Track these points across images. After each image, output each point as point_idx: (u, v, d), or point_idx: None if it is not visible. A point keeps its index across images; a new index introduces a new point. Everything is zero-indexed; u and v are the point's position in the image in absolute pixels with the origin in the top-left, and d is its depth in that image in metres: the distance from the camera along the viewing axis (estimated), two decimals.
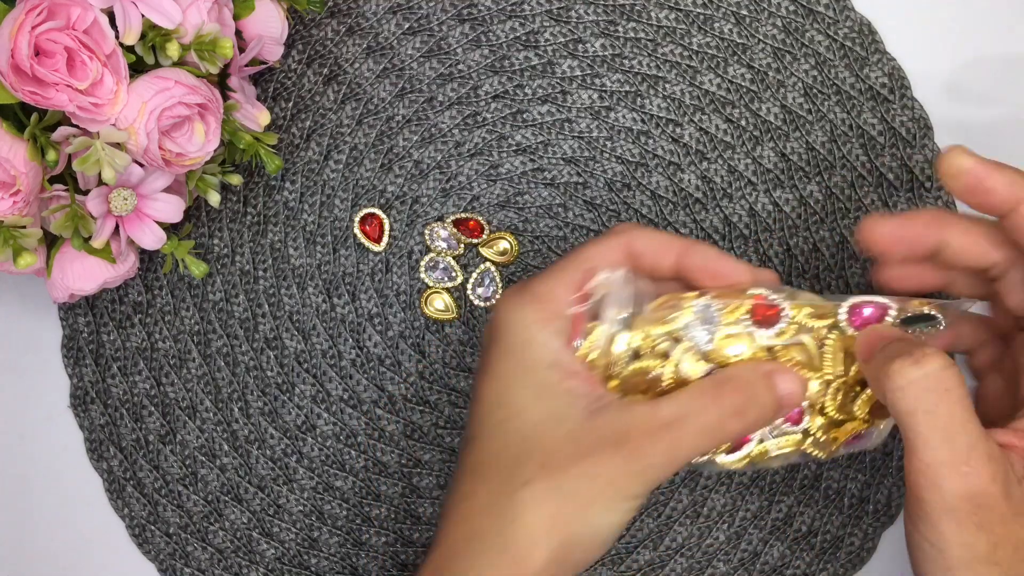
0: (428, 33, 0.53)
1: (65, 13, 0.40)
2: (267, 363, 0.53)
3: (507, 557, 0.37)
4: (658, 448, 0.37)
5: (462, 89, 0.53)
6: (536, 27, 0.53)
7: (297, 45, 0.53)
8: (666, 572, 0.52)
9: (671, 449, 0.37)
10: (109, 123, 0.42)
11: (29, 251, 0.43)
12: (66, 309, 0.53)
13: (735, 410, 0.38)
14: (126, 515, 0.53)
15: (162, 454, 0.53)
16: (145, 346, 0.53)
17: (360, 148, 0.53)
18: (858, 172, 0.52)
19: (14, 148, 0.41)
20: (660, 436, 0.37)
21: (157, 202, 0.45)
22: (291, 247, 0.53)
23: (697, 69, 0.52)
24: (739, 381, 0.38)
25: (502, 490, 0.38)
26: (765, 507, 0.52)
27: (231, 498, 0.53)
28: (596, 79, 0.53)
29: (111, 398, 0.53)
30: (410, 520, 0.53)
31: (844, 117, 0.52)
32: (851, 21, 0.52)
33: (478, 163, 0.53)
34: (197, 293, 0.53)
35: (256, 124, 0.48)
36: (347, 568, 0.53)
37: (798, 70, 0.52)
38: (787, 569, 0.52)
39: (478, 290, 0.52)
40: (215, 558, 0.53)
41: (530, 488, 0.37)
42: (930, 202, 0.52)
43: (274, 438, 0.53)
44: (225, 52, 0.43)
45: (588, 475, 0.37)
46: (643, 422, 0.37)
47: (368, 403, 0.53)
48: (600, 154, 0.53)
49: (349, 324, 0.53)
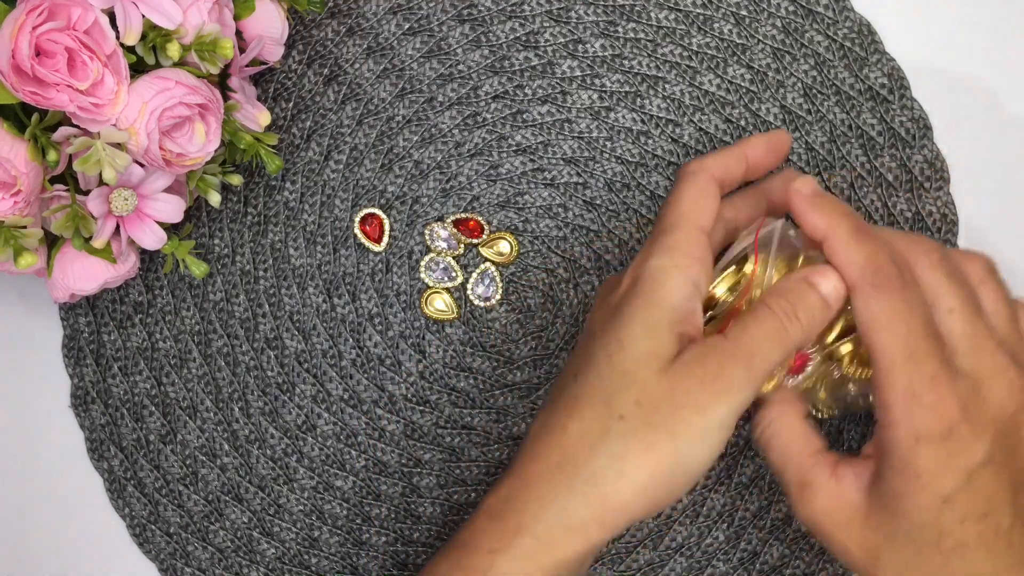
0: (428, 33, 0.53)
1: (66, 13, 0.40)
2: (267, 363, 0.53)
3: (595, 490, 0.39)
4: (735, 365, 0.39)
5: (462, 89, 0.53)
6: (536, 27, 0.53)
7: (297, 45, 0.53)
8: (666, 572, 0.52)
9: (746, 363, 0.39)
10: (110, 123, 0.42)
11: (30, 251, 0.43)
12: (67, 309, 0.53)
13: (788, 314, 0.40)
14: (127, 515, 0.53)
15: (163, 454, 0.53)
16: (146, 346, 0.53)
17: (360, 148, 0.53)
18: (857, 172, 0.52)
19: (15, 148, 0.41)
20: (732, 353, 0.39)
21: (158, 202, 0.45)
22: (291, 247, 0.53)
23: (697, 69, 0.53)
24: (782, 290, 0.41)
25: (597, 423, 0.39)
26: (765, 507, 0.52)
27: (231, 498, 0.53)
28: (596, 79, 0.53)
29: (112, 398, 0.53)
30: (410, 520, 0.53)
31: (843, 117, 0.52)
32: (850, 21, 0.52)
33: (478, 163, 0.53)
34: (198, 293, 0.53)
35: (256, 124, 0.48)
36: (347, 568, 0.53)
37: (797, 70, 0.52)
38: (787, 569, 0.52)
39: (478, 290, 0.53)
40: (216, 558, 0.53)
41: (624, 422, 0.39)
42: (929, 202, 0.52)
43: (274, 438, 0.53)
44: (225, 52, 0.43)
45: (677, 406, 0.38)
46: (716, 347, 0.39)
47: (368, 403, 0.53)
48: (600, 154, 0.53)
49: (349, 324, 0.53)
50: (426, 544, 0.53)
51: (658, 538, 0.52)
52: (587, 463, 0.39)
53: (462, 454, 0.53)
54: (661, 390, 0.39)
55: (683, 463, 0.39)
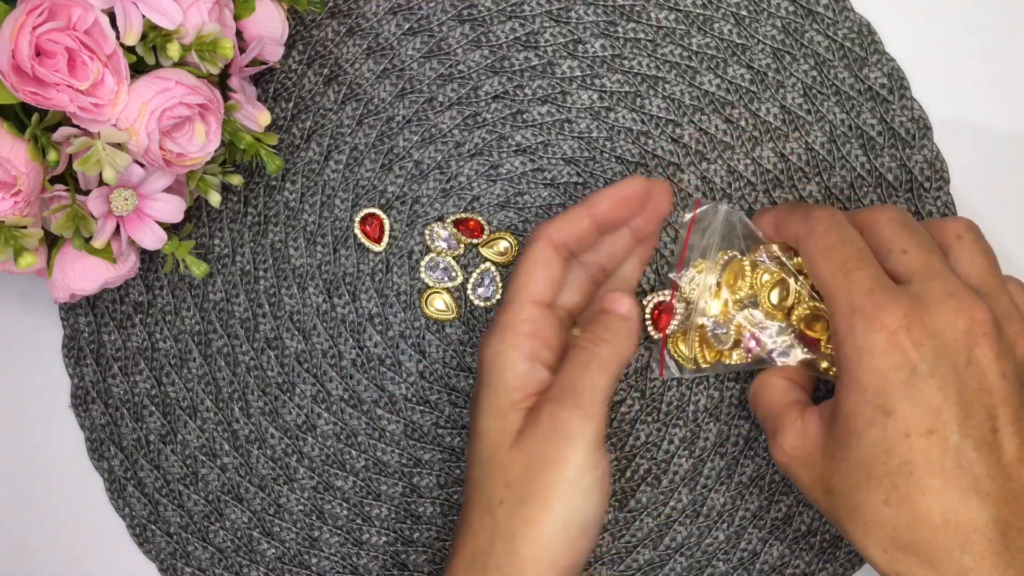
0: (428, 34, 0.53)
1: (66, 13, 0.40)
2: (267, 363, 0.53)
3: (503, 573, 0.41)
4: (565, 408, 0.41)
5: (462, 89, 0.53)
6: (536, 28, 0.53)
7: (297, 46, 0.53)
8: (666, 572, 0.52)
9: (575, 402, 0.41)
10: (110, 123, 0.42)
11: (30, 251, 0.43)
12: (67, 309, 0.54)
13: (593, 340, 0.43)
14: (127, 515, 0.53)
15: (163, 454, 0.53)
16: (146, 346, 0.53)
17: (360, 148, 0.53)
18: (857, 172, 0.52)
19: (15, 148, 0.41)
20: (560, 399, 0.41)
21: (158, 202, 0.45)
22: (291, 247, 0.53)
23: (697, 69, 0.53)
24: (586, 324, 0.44)
25: (487, 512, 0.41)
26: (765, 507, 0.52)
27: (232, 498, 0.53)
28: (596, 79, 0.53)
29: (112, 398, 0.53)
30: (410, 520, 0.53)
31: (843, 117, 0.52)
32: (850, 22, 0.52)
33: (478, 163, 0.53)
34: (198, 293, 0.53)
35: (257, 124, 0.48)
36: (347, 568, 0.53)
37: (797, 71, 0.52)
38: (787, 569, 0.52)
39: (478, 290, 0.53)
40: (216, 557, 0.53)
41: (504, 506, 0.41)
42: (929, 202, 0.52)
43: (274, 438, 0.53)
44: (226, 53, 0.43)
45: (536, 472, 0.41)
46: (548, 400, 0.41)
47: (368, 403, 0.53)
48: (600, 154, 0.53)
49: (349, 324, 0.53)
50: (426, 544, 0.53)
51: (658, 538, 0.52)
52: (491, 553, 0.41)
53: (462, 454, 0.53)
54: (520, 464, 0.41)
55: (568, 521, 0.41)
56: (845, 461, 0.41)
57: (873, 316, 0.40)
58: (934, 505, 0.39)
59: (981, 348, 0.40)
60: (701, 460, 0.52)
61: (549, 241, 0.44)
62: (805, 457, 0.43)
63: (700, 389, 0.52)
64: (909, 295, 0.40)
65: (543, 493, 0.40)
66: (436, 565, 0.53)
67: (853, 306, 0.41)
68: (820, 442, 0.43)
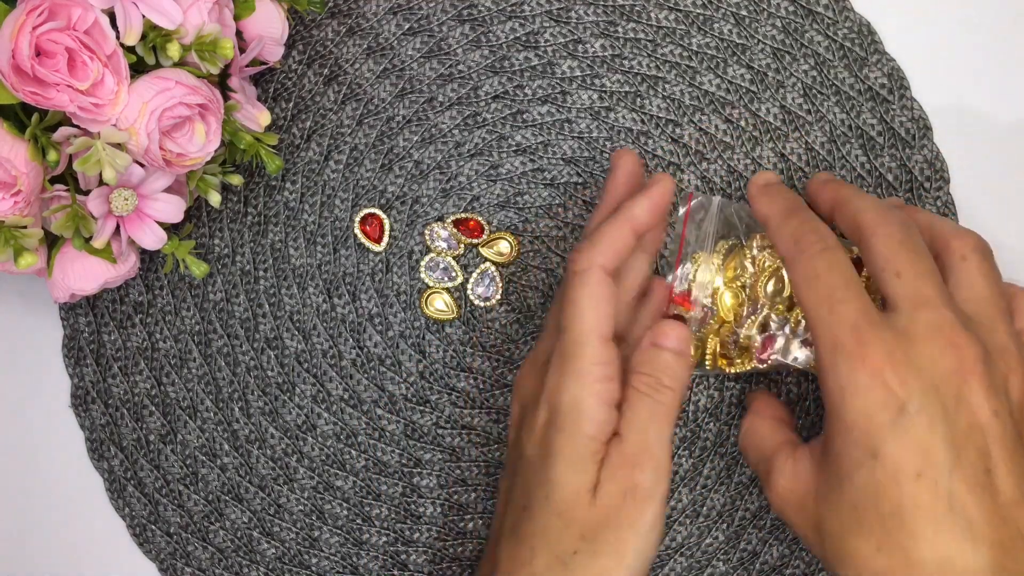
0: (428, 34, 0.53)
1: (66, 13, 0.40)
2: (267, 363, 0.53)
3: None
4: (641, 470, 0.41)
5: (462, 89, 0.53)
6: (536, 27, 0.53)
7: (297, 45, 0.53)
8: (666, 572, 0.52)
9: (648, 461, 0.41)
10: (110, 123, 0.42)
11: (30, 251, 0.43)
12: (67, 309, 0.54)
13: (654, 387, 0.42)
14: (127, 515, 0.53)
15: (163, 454, 0.53)
16: (146, 346, 0.53)
17: (360, 148, 0.53)
18: (857, 172, 0.52)
19: (15, 148, 0.41)
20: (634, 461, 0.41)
21: (158, 202, 0.45)
22: (291, 247, 0.53)
23: (697, 69, 0.53)
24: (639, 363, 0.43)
25: (557, 561, 0.41)
26: (765, 507, 0.52)
27: (232, 498, 0.53)
28: (596, 79, 0.53)
29: (112, 398, 0.53)
30: (410, 520, 0.53)
31: (843, 117, 0.52)
32: (850, 22, 0.52)
33: (478, 163, 0.53)
34: (198, 293, 0.53)
35: (257, 124, 0.48)
36: (347, 568, 0.53)
37: (797, 71, 0.52)
38: (786, 569, 0.52)
39: (478, 290, 0.53)
40: (216, 558, 0.53)
41: (579, 556, 0.41)
42: (929, 202, 0.52)
43: (274, 438, 0.53)
44: (226, 53, 0.43)
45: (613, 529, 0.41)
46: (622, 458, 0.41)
47: (368, 403, 0.53)
48: (600, 154, 0.53)
49: (349, 324, 0.53)
50: (426, 544, 0.53)
51: None
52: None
53: (462, 454, 0.53)
54: (597, 518, 0.41)
55: (639, 568, 0.41)
56: (837, 505, 0.40)
57: (856, 354, 0.39)
58: (928, 553, 0.37)
59: (970, 385, 0.38)
60: (701, 460, 0.52)
61: (605, 271, 0.42)
62: (798, 500, 0.42)
63: (700, 389, 0.52)
64: (895, 329, 0.39)
65: (618, 548, 0.41)
66: (436, 565, 0.53)
67: (836, 343, 0.39)
68: (812, 484, 0.41)
